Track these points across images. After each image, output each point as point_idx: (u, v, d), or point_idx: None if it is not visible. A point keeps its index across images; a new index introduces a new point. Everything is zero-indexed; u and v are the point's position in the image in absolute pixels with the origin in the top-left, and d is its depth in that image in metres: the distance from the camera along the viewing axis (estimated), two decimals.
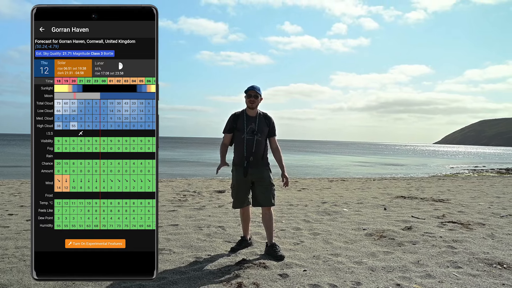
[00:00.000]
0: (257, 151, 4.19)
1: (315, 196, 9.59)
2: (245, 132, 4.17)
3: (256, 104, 4.23)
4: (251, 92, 4.20)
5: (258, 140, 4.19)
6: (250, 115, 4.26)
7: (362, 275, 3.61)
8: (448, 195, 9.96)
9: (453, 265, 3.91)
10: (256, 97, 4.21)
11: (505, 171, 27.13)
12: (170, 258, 4.07)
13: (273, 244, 4.24)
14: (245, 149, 4.16)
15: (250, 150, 4.16)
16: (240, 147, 4.19)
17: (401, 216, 6.53)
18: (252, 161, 4.16)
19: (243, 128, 4.19)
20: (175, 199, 8.48)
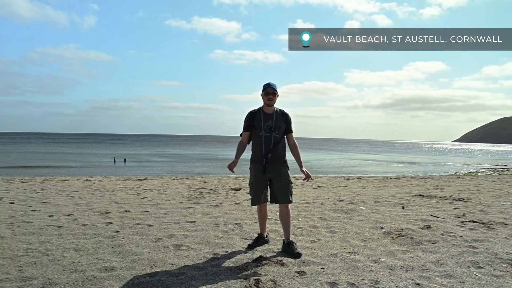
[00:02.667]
0: (275, 148, 4.19)
1: (331, 194, 9.52)
2: (262, 129, 4.18)
3: (274, 101, 4.23)
4: (269, 90, 4.19)
5: (275, 137, 4.19)
6: (267, 112, 4.26)
7: (381, 274, 3.57)
8: (468, 194, 9.73)
9: (475, 265, 3.83)
10: (274, 95, 4.21)
11: None
12: (188, 254, 4.12)
13: (290, 241, 4.24)
14: (263, 146, 4.16)
15: (268, 147, 4.17)
16: (258, 145, 4.20)
17: (420, 215, 6.42)
18: (270, 158, 4.16)
19: (260, 125, 4.19)
20: (192, 197, 8.56)
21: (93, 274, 3.45)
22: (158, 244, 4.48)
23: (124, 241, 4.58)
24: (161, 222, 5.65)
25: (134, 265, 3.74)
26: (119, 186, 10.82)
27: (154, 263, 3.79)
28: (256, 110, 4.31)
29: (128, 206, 7.13)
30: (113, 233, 4.96)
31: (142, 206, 7.09)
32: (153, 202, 7.69)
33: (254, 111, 4.30)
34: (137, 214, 6.32)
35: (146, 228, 5.25)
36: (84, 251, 4.16)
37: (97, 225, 5.43)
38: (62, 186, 10.71)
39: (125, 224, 5.52)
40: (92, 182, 12.22)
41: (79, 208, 6.82)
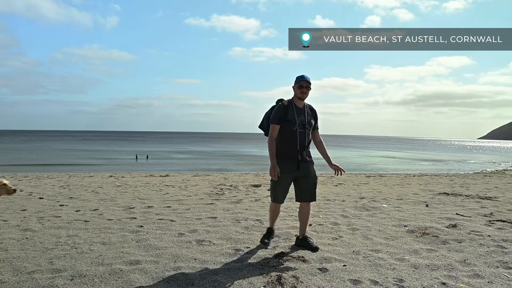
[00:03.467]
0: (308, 144, 4.12)
1: (352, 191, 9.41)
2: (296, 124, 4.01)
3: (307, 95, 4.07)
4: (303, 83, 4.01)
5: (308, 133, 4.09)
6: (299, 106, 4.09)
7: (405, 272, 3.51)
8: (496, 193, 9.41)
9: (504, 266, 3.71)
10: (308, 88, 4.04)
11: None
12: (210, 249, 4.17)
13: (306, 236, 4.27)
14: (298, 142, 4.02)
15: (303, 144, 4.04)
16: (292, 140, 4.01)
17: (445, 213, 6.27)
18: (304, 156, 4.08)
19: (294, 119, 4.01)
20: (213, 193, 8.65)
21: (119, 267, 3.55)
22: (181, 239, 4.56)
23: (148, 235, 4.68)
24: (183, 218, 5.74)
25: (158, 259, 3.82)
26: (142, 182, 11.05)
27: (177, 258, 3.86)
28: (287, 102, 4.09)
29: (151, 201, 7.27)
30: (137, 227, 5.08)
31: (165, 202, 7.22)
32: (175, 198, 7.81)
33: (286, 103, 4.07)
34: (160, 209, 6.44)
35: (169, 223, 5.35)
36: (110, 245, 4.28)
37: (121, 219, 5.56)
38: (87, 182, 11.03)
39: (148, 219, 5.63)
40: (116, 178, 12.52)
41: (104, 203, 7.01)
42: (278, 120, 4.01)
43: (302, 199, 4.22)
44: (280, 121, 4.01)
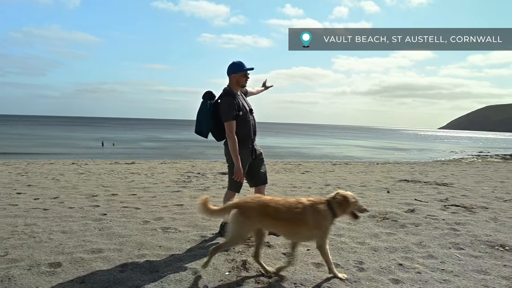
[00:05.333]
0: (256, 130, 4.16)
1: (318, 178, 9.63)
2: (248, 113, 4.00)
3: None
4: (248, 71, 3.99)
5: (254, 118, 4.11)
6: (239, 94, 4.03)
7: (365, 254, 3.66)
8: (452, 179, 9.96)
9: (455, 247, 3.95)
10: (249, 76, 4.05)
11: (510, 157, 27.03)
12: (176, 236, 4.14)
13: None
14: (251, 130, 4.05)
15: (255, 130, 4.10)
16: (247, 129, 4.00)
17: (404, 199, 6.57)
18: (255, 141, 4.13)
19: (246, 108, 3.98)
20: (180, 180, 8.56)
21: (81, 256, 3.45)
22: (146, 226, 4.49)
23: (112, 223, 4.57)
24: (148, 205, 5.65)
25: (121, 247, 3.75)
26: (106, 170, 10.73)
27: (142, 245, 3.81)
28: (233, 92, 3.94)
29: (116, 189, 7.09)
30: (100, 216, 4.94)
31: (130, 190, 7.06)
32: (140, 185, 7.66)
33: (234, 93, 3.93)
34: (125, 197, 6.30)
35: (134, 211, 5.25)
36: (71, 233, 4.14)
37: (84, 208, 5.39)
38: (47, 170, 10.56)
39: (112, 207, 5.50)
40: (79, 166, 12.09)
41: (65, 191, 6.76)
42: (235, 115, 3.84)
43: (259, 182, 4.21)
44: (236, 116, 3.84)
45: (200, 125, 3.95)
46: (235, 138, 3.82)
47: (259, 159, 4.18)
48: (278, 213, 3.00)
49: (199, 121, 3.95)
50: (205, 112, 3.92)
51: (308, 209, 3.03)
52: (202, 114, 3.94)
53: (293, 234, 3.12)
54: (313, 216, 3.02)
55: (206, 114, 3.91)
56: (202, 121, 3.93)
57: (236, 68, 3.95)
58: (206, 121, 3.91)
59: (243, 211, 3.03)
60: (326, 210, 3.06)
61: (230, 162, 4.03)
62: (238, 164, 3.83)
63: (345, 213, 3.15)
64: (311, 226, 3.01)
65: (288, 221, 3.02)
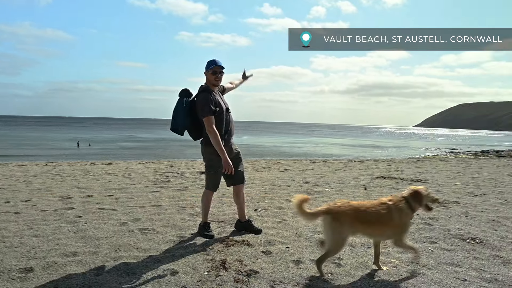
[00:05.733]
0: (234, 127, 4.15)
1: (297, 176, 9.71)
2: (224, 110, 3.96)
3: (221, 81, 4.03)
4: (217, 68, 3.92)
5: (231, 116, 4.09)
6: (215, 91, 4.01)
7: (343, 251, 3.71)
8: (426, 176, 10.26)
9: (429, 241, 4.07)
10: (222, 74, 3.98)
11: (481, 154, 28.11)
12: (154, 237, 4.08)
13: (250, 219, 4.37)
14: (230, 127, 4.03)
15: (231, 129, 4.06)
16: (225, 127, 3.97)
17: (381, 195, 6.71)
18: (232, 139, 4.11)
19: (222, 106, 3.95)
20: (158, 180, 8.44)
21: (54, 260, 3.35)
22: (123, 228, 4.40)
23: (87, 226, 4.45)
24: (125, 207, 5.54)
25: (97, 249, 3.66)
26: (82, 171, 10.45)
27: (119, 247, 3.73)
28: (209, 89, 3.93)
29: (91, 191, 6.91)
30: (75, 218, 4.81)
31: (106, 191, 6.90)
32: (117, 186, 7.50)
33: (210, 90, 3.92)
34: (101, 198, 6.15)
35: (110, 213, 5.13)
36: (44, 237, 4.01)
37: (57, 210, 5.23)
38: (19, 172, 10.19)
39: (87, 209, 5.36)
40: (52, 167, 11.72)
41: (38, 194, 6.53)
42: (213, 111, 3.81)
43: (236, 182, 4.19)
44: (214, 111, 3.81)
45: (175, 122, 3.91)
46: (216, 132, 3.78)
47: (236, 158, 4.17)
48: (367, 216, 3.08)
49: (175, 119, 3.91)
50: (181, 110, 3.88)
51: (393, 209, 3.14)
52: (178, 111, 3.90)
53: (380, 235, 3.25)
54: (398, 215, 3.14)
55: (182, 112, 3.87)
56: (177, 118, 3.89)
57: (207, 66, 3.96)
58: (182, 118, 3.87)
59: (336, 216, 3.05)
60: (406, 207, 3.19)
61: (207, 161, 4.01)
62: (225, 157, 3.80)
63: (420, 207, 3.28)
64: (395, 225, 3.14)
65: (376, 223, 3.11)
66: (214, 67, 3.90)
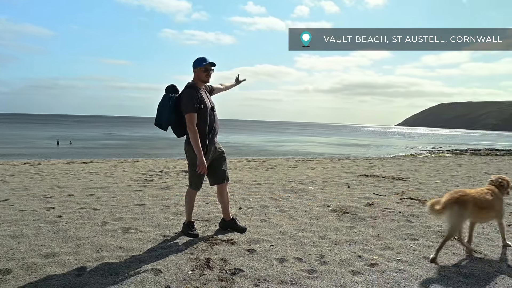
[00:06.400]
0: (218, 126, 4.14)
1: (282, 175, 9.75)
2: (208, 108, 3.94)
3: (210, 78, 4.02)
4: (209, 66, 3.92)
5: (216, 115, 4.08)
6: (202, 89, 3.99)
7: (326, 248, 3.76)
8: (407, 174, 10.47)
9: (410, 238, 4.16)
10: (212, 71, 3.99)
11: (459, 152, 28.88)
12: (137, 237, 4.03)
13: (234, 218, 4.37)
14: (214, 126, 4.01)
15: (215, 128, 4.04)
16: (208, 125, 3.95)
17: (364, 193, 6.81)
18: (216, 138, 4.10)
19: (206, 104, 3.93)
20: (141, 179, 8.33)
21: (33, 261, 3.27)
22: (105, 228, 4.33)
23: (67, 226, 4.36)
24: (108, 206, 5.45)
25: (78, 250, 3.59)
26: (62, 170, 10.22)
27: (101, 247, 3.67)
28: (196, 86, 3.90)
29: (72, 190, 6.77)
30: (55, 218, 4.70)
31: (87, 190, 6.77)
32: (99, 185, 7.37)
33: (196, 88, 3.89)
34: (82, 198, 6.03)
35: (92, 212, 5.04)
36: (22, 237, 3.90)
37: (36, 210, 5.10)
38: None
39: (68, 208, 5.25)
40: (31, 166, 11.42)
41: (16, 193, 6.35)
42: (197, 108, 3.79)
43: (219, 181, 4.18)
44: (197, 109, 3.80)
45: (160, 117, 3.87)
46: (196, 130, 3.78)
47: (220, 157, 4.16)
48: (482, 203, 3.59)
49: (160, 114, 3.87)
50: (166, 105, 3.84)
51: (496, 195, 3.71)
52: (163, 106, 3.85)
53: (486, 218, 3.82)
54: (498, 200, 3.72)
55: (167, 107, 3.83)
56: (162, 113, 3.85)
57: (197, 63, 3.92)
58: (167, 114, 3.83)
59: (462, 204, 3.47)
60: (500, 193, 3.79)
61: (190, 159, 3.98)
62: (201, 156, 3.79)
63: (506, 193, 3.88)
64: (498, 209, 3.73)
65: (485, 208, 3.63)
66: (206, 64, 3.90)
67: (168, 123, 3.88)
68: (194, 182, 4.10)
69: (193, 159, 3.94)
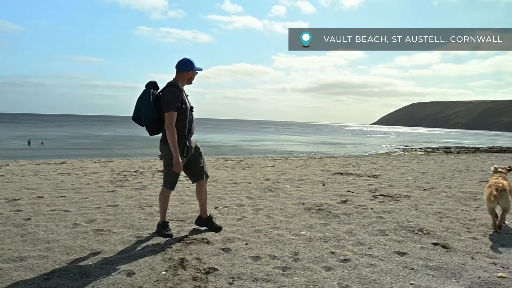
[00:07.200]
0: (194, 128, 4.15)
1: (258, 174, 9.79)
2: (188, 109, 3.96)
3: None
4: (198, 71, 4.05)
5: (193, 117, 4.11)
6: (184, 90, 4.03)
7: (300, 245, 3.81)
8: (381, 171, 10.74)
9: (381, 233, 4.28)
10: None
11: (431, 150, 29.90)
12: (110, 238, 3.95)
13: (211, 216, 4.37)
14: (187, 127, 3.99)
15: (191, 128, 4.04)
16: (188, 125, 3.96)
17: (338, 191, 6.94)
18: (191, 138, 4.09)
19: (187, 105, 3.95)
20: (115, 180, 8.17)
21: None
22: (76, 230, 4.22)
23: (36, 229, 4.22)
24: (79, 207, 5.31)
25: (47, 253, 3.49)
26: (31, 171, 9.87)
27: (71, 250, 3.58)
28: (178, 85, 3.92)
29: (42, 191, 6.56)
30: (23, 221, 4.54)
31: (58, 191, 6.58)
32: (71, 186, 7.17)
33: (179, 87, 3.91)
34: (52, 200, 5.85)
35: (63, 214, 4.90)
36: None
37: (3, 213, 4.91)
38: None
39: (37, 211, 5.08)
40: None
41: None
42: (178, 107, 3.80)
43: (198, 178, 4.21)
44: (178, 107, 3.81)
45: (138, 112, 3.84)
46: (174, 129, 3.77)
47: (196, 153, 4.17)
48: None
49: (138, 109, 3.84)
50: (146, 101, 3.80)
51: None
52: (143, 102, 3.82)
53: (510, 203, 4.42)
54: None
55: (146, 103, 3.80)
56: (141, 108, 3.82)
57: (189, 65, 3.96)
58: (146, 109, 3.80)
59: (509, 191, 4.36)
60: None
61: (166, 158, 3.95)
62: (177, 156, 3.79)
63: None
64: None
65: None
66: (197, 68, 4.01)
67: (146, 118, 3.83)
68: (168, 182, 4.07)
69: (169, 158, 3.90)
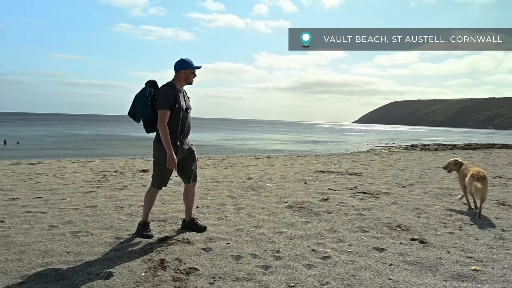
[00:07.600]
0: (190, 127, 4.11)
1: (241, 173, 9.78)
2: (183, 109, 3.91)
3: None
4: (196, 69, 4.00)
5: (190, 116, 4.08)
6: (181, 90, 4.01)
7: (282, 243, 3.83)
8: (361, 169, 10.90)
9: (361, 230, 4.34)
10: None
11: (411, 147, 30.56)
12: (88, 240, 3.87)
13: (193, 218, 4.33)
14: (186, 126, 3.96)
15: (184, 129, 3.97)
16: (181, 125, 3.91)
17: (319, 189, 7.00)
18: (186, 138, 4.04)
19: (182, 104, 3.90)
20: (94, 180, 7.99)
21: None
22: (52, 232, 4.11)
23: (10, 231, 4.09)
24: (56, 209, 5.17)
25: (22, 256, 3.38)
26: (6, 172, 9.55)
27: (47, 252, 3.48)
28: (175, 85, 3.90)
29: (17, 193, 6.35)
30: None
31: (34, 192, 6.39)
32: (47, 187, 6.97)
33: (175, 87, 3.88)
34: (28, 201, 5.68)
35: (38, 216, 4.76)
36: None
37: None
38: None
39: (12, 212, 4.92)
40: None
41: None
42: (171, 105, 3.78)
43: (188, 179, 4.18)
44: (171, 106, 3.79)
45: (134, 108, 3.84)
46: (166, 127, 3.76)
47: (190, 155, 4.13)
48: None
49: (135, 104, 3.84)
50: (142, 97, 3.82)
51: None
52: (140, 98, 3.83)
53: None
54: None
55: (142, 99, 3.81)
56: (137, 104, 3.82)
57: (187, 65, 3.93)
58: (142, 106, 3.80)
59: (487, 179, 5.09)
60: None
61: (156, 157, 3.93)
62: (171, 152, 3.76)
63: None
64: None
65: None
66: (196, 67, 3.96)
67: (142, 114, 3.83)
68: (157, 181, 4.04)
69: (159, 157, 3.89)
